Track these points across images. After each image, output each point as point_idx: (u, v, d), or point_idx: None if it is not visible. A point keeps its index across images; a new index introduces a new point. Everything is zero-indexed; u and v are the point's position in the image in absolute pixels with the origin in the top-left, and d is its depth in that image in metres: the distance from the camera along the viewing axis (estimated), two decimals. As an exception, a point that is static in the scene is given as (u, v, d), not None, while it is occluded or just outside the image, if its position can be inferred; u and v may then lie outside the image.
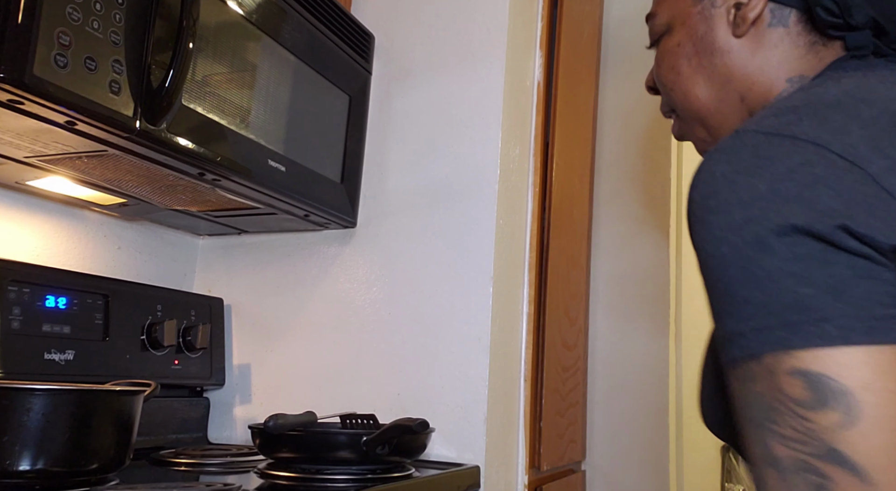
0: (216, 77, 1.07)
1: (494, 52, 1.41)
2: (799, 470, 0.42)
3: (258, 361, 1.48)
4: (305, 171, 1.27)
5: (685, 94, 0.71)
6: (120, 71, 0.89)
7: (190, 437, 1.41)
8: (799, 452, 0.42)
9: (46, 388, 0.84)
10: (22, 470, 0.80)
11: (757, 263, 0.44)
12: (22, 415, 0.81)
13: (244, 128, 1.13)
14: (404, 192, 1.43)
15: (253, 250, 1.54)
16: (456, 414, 1.30)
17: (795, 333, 0.43)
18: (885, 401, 0.40)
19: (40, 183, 1.13)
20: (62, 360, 1.11)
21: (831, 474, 0.41)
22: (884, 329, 0.41)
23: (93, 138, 0.92)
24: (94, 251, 1.33)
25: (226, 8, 1.08)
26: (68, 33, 0.82)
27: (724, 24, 0.67)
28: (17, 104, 0.82)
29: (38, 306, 1.10)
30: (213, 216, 1.37)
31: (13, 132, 0.91)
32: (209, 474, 1.11)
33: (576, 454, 1.71)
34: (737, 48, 0.66)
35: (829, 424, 0.41)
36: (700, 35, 0.69)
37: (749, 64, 0.66)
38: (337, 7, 1.36)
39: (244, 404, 1.47)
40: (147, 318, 1.28)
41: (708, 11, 0.68)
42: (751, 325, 0.45)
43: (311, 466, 1.03)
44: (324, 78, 1.33)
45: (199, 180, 1.11)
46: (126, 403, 0.91)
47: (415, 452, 1.09)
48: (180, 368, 1.33)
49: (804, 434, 0.42)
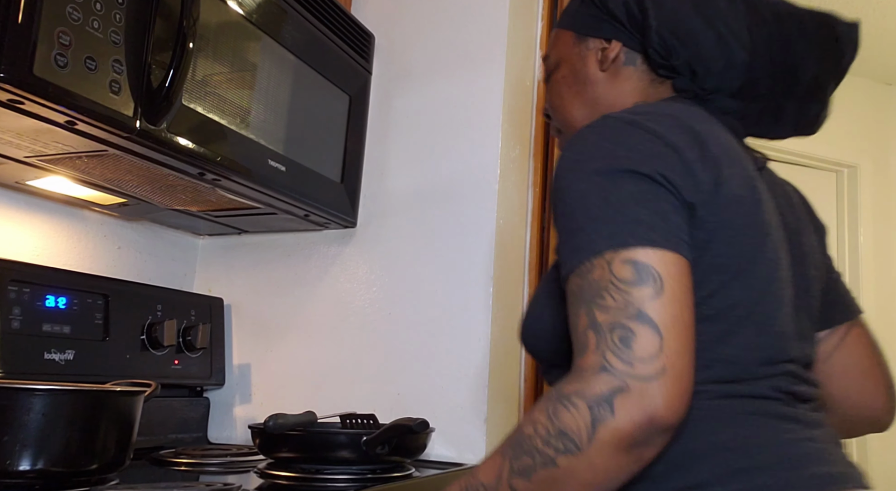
0: (216, 77, 1.07)
1: (494, 53, 1.41)
2: (614, 328, 0.60)
3: (258, 360, 1.48)
4: (305, 170, 1.27)
5: (566, 114, 0.92)
6: (120, 71, 0.89)
7: (190, 437, 1.40)
8: (616, 316, 0.60)
9: (46, 388, 0.84)
10: (22, 470, 0.80)
11: (612, 193, 0.66)
12: (22, 415, 0.81)
13: (244, 128, 1.13)
14: (404, 193, 1.43)
15: (253, 250, 1.54)
16: (456, 414, 1.30)
17: (633, 237, 0.63)
18: (677, 286, 0.62)
19: (40, 183, 1.13)
20: (62, 360, 1.11)
21: (636, 330, 0.59)
22: (683, 245, 0.65)
23: (93, 138, 0.92)
24: (94, 251, 1.33)
25: (226, 8, 1.08)
26: (68, 33, 0.82)
27: (594, 61, 0.89)
28: (17, 104, 0.82)
29: (39, 306, 1.09)
30: (213, 216, 1.37)
31: (13, 132, 0.91)
32: (209, 474, 1.11)
33: (575, 454, 1.70)
34: (602, 80, 0.88)
35: (643, 296, 0.60)
36: (577, 69, 0.90)
37: (610, 92, 0.88)
38: (337, 7, 1.36)
39: (244, 404, 1.47)
40: (147, 318, 1.28)
41: (583, 52, 0.90)
42: (601, 233, 0.64)
43: (311, 466, 1.03)
44: (324, 78, 1.33)
45: (199, 180, 1.11)
46: (126, 403, 0.91)
47: (415, 451, 1.09)
48: (180, 367, 1.33)
49: (623, 302, 0.60)
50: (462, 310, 1.33)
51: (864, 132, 3.17)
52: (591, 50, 0.89)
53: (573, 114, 0.91)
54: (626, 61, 0.87)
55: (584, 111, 0.90)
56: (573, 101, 0.91)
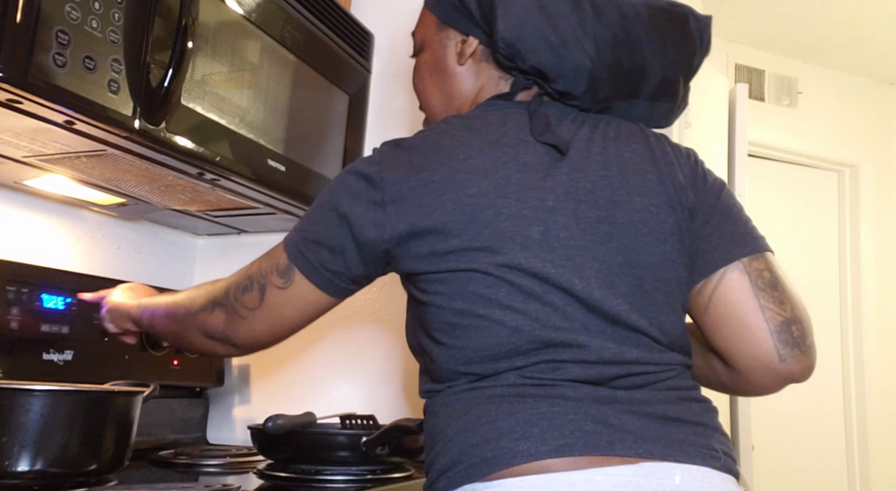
0: (215, 76, 1.07)
1: (494, 52, 1.40)
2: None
3: (257, 361, 1.48)
4: (305, 170, 1.27)
5: (425, 99, 0.96)
6: (119, 70, 0.89)
7: (189, 437, 1.40)
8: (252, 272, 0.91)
9: (45, 388, 0.84)
10: (21, 471, 0.80)
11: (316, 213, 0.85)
12: (21, 415, 0.80)
13: (243, 127, 1.13)
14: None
15: (252, 250, 1.52)
16: (456, 414, 1.29)
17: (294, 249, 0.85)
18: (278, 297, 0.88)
19: (39, 182, 1.13)
20: (61, 360, 1.10)
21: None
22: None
23: (92, 138, 0.92)
24: (93, 251, 1.33)
25: (225, 7, 1.08)
26: (67, 32, 0.82)
27: (453, 53, 0.91)
28: (15, 103, 0.81)
29: (37, 306, 1.09)
30: (212, 216, 1.37)
31: (12, 132, 0.91)
32: (208, 475, 1.11)
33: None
34: (459, 74, 0.91)
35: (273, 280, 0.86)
36: (438, 57, 0.93)
37: (465, 87, 0.91)
38: (337, 6, 1.35)
39: (243, 405, 1.46)
40: (146, 318, 1.28)
41: (444, 41, 0.92)
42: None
43: (311, 467, 1.03)
44: (323, 77, 1.33)
45: (198, 180, 1.11)
46: (125, 404, 0.91)
47: (415, 452, 1.09)
48: (179, 368, 1.33)
49: (260, 271, 0.90)
50: (462, 310, 1.33)
51: (866, 132, 3.17)
52: (451, 40, 0.92)
53: (431, 101, 0.95)
54: (481, 57, 0.90)
55: (441, 101, 0.93)
56: (432, 89, 0.94)
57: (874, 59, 3.04)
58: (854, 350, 3.00)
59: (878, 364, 3.00)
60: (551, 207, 0.76)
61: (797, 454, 2.88)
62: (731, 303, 0.80)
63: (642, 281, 0.77)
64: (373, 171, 0.80)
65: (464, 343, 0.75)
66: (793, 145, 2.98)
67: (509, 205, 0.75)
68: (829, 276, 3.08)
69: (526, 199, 0.76)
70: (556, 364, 0.73)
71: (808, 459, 2.91)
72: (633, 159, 0.82)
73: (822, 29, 2.73)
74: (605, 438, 0.69)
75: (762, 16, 2.77)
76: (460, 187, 0.76)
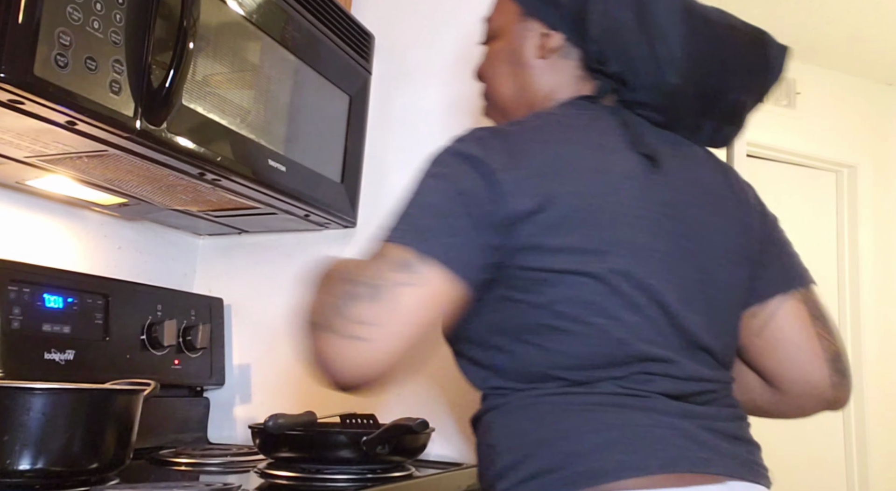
0: (216, 77, 1.07)
1: (494, 53, 1.41)
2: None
3: (258, 360, 1.48)
4: (306, 171, 1.27)
5: (494, 87, 0.92)
6: (120, 71, 0.89)
7: (190, 436, 1.40)
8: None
9: (46, 387, 0.84)
10: (22, 469, 0.80)
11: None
12: (22, 414, 0.81)
13: (244, 128, 1.13)
14: (404, 192, 1.43)
15: (253, 250, 1.54)
16: (456, 413, 1.30)
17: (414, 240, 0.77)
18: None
19: (41, 183, 1.13)
20: (62, 359, 1.11)
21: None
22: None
23: (93, 138, 0.92)
24: (94, 251, 1.33)
25: (226, 8, 1.08)
26: (69, 33, 0.82)
27: (532, 45, 0.87)
28: (17, 104, 0.82)
29: (39, 306, 1.09)
30: (213, 216, 1.37)
31: (14, 132, 0.91)
32: (209, 474, 1.11)
33: (575, 454, 1.70)
34: (536, 67, 0.87)
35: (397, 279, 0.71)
36: (515, 48, 0.89)
37: (542, 81, 0.87)
38: (337, 7, 1.36)
39: (244, 404, 1.47)
40: (147, 317, 1.28)
41: (524, 32, 0.88)
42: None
43: (311, 466, 1.03)
44: (324, 78, 1.33)
45: (199, 180, 1.11)
46: (126, 403, 0.91)
47: (415, 451, 1.09)
48: (180, 367, 1.33)
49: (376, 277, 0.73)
50: (462, 310, 1.33)
51: (864, 132, 3.17)
52: (531, 32, 0.87)
53: (501, 90, 0.91)
54: (562, 54, 0.86)
55: (513, 92, 0.90)
56: (505, 79, 0.91)
57: (873, 60, 3.04)
58: (853, 349, 3.00)
59: (877, 363, 3.00)
60: (648, 218, 0.75)
61: (796, 453, 2.89)
62: (790, 329, 0.84)
63: (714, 300, 0.79)
64: (480, 154, 0.74)
65: (560, 347, 0.72)
66: (791, 145, 2.99)
67: (622, 210, 0.74)
68: (827, 276, 3.08)
69: (632, 206, 0.75)
70: (649, 376, 0.73)
71: (806, 458, 2.91)
72: (712, 182, 0.84)
73: (821, 30, 2.73)
74: (700, 455, 0.70)
75: (760, 16, 2.77)
76: (576, 185, 0.73)
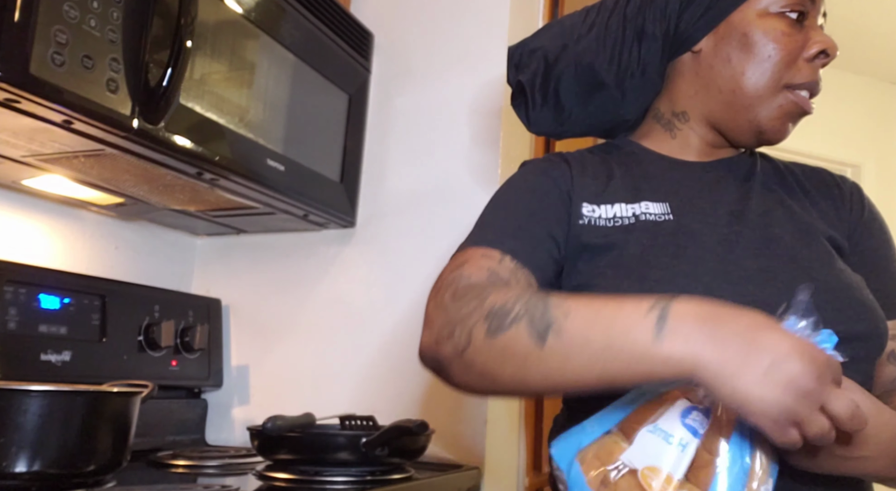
0: (214, 76, 1.06)
1: (495, 51, 1.40)
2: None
3: (256, 362, 1.47)
4: (304, 170, 1.26)
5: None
6: (117, 69, 0.89)
7: (188, 438, 1.40)
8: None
9: (43, 389, 0.83)
10: (18, 472, 0.80)
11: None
12: (18, 416, 0.80)
13: (242, 127, 1.12)
14: (404, 192, 1.43)
15: (251, 250, 1.53)
16: (456, 415, 1.29)
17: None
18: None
19: (37, 182, 1.13)
20: (59, 361, 1.10)
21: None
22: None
23: (90, 137, 0.92)
24: (91, 251, 1.32)
25: (224, 6, 1.08)
26: (65, 31, 0.82)
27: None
28: (13, 103, 0.81)
29: (35, 307, 1.09)
30: (211, 216, 1.36)
31: (10, 131, 0.91)
32: (207, 476, 1.11)
33: (576, 455, 1.70)
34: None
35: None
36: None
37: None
38: (336, 5, 1.35)
39: (242, 406, 1.46)
40: (144, 318, 1.27)
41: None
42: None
43: (310, 468, 1.03)
44: (323, 77, 1.32)
45: (197, 180, 1.10)
46: (123, 405, 0.91)
47: (414, 453, 1.08)
48: (178, 369, 1.32)
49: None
50: (462, 310, 1.32)
51: (868, 131, 3.17)
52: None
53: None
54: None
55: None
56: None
57: (876, 59, 3.04)
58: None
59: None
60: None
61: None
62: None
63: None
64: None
65: None
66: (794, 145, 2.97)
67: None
68: (829, 276, 3.07)
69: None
70: None
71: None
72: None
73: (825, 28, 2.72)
74: None
75: (763, 16, 2.75)
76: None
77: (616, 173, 0.85)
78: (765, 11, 0.80)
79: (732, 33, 0.80)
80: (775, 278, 0.73)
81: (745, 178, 0.85)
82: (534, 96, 0.96)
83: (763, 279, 0.73)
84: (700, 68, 0.84)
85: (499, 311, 0.62)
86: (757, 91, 0.79)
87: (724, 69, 0.81)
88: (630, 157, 0.88)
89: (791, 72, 0.79)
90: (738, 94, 0.80)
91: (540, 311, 0.60)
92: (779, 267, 0.74)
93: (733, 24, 0.81)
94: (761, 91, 0.79)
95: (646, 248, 0.75)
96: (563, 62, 0.92)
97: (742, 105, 0.81)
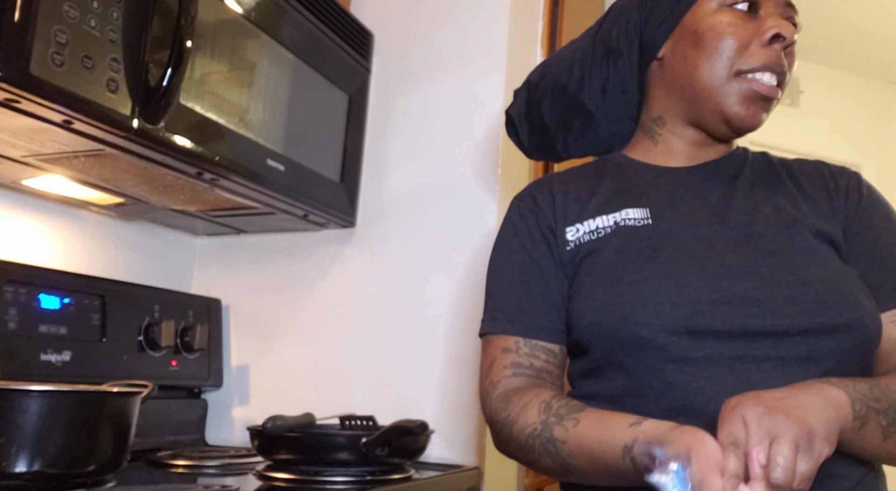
0: (214, 76, 1.06)
1: (495, 51, 1.40)
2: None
3: (256, 362, 1.47)
4: (304, 170, 1.26)
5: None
6: (117, 69, 0.89)
7: (187, 438, 1.40)
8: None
9: (43, 389, 0.83)
10: (18, 472, 0.80)
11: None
12: (18, 416, 0.80)
13: (243, 127, 1.12)
14: (404, 192, 1.42)
15: (251, 250, 1.53)
16: (456, 415, 1.29)
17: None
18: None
19: (37, 182, 1.13)
20: (59, 361, 1.10)
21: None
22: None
23: (90, 137, 0.92)
24: (91, 251, 1.32)
25: (224, 6, 1.08)
26: (65, 31, 0.82)
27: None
28: (13, 103, 0.81)
29: (35, 307, 1.09)
30: (211, 216, 1.36)
31: (10, 131, 0.91)
32: (207, 476, 1.11)
33: (576, 455, 1.70)
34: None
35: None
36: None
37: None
38: (336, 5, 1.35)
39: (242, 406, 1.46)
40: (144, 318, 1.27)
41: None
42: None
43: (310, 468, 1.03)
44: (323, 77, 1.32)
45: (197, 180, 1.10)
46: (123, 405, 0.90)
47: (414, 453, 1.08)
48: (178, 369, 1.32)
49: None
50: (462, 310, 1.32)
51: (868, 131, 3.17)
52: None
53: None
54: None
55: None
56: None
57: (876, 59, 3.03)
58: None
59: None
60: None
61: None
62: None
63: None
64: None
65: None
66: (795, 145, 2.98)
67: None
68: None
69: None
70: None
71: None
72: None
73: (824, 28, 2.72)
74: None
75: (763, 15, 2.75)
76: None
77: (601, 188, 0.88)
78: (715, 8, 0.83)
79: (686, 34, 0.84)
80: (754, 272, 0.74)
81: (732, 179, 0.87)
82: (521, 124, 1.03)
83: (740, 273, 0.75)
84: (665, 72, 0.87)
85: (524, 445, 0.77)
86: (711, 81, 0.82)
87: (681, 68, 0.85)
88: (617, 169, 0.91)
89: (742, 58, 0.81)
90: (697, 88, 0.83)
91: (553, 452, 0.73)
92: (758, 261, 0.75)
93: (686, 25, 0.85)
94: (715, 81, 0.82)
95: (621, 252, 0.79)
96: (541, 88, 0.99)
97: (701, 97, 0.83)
